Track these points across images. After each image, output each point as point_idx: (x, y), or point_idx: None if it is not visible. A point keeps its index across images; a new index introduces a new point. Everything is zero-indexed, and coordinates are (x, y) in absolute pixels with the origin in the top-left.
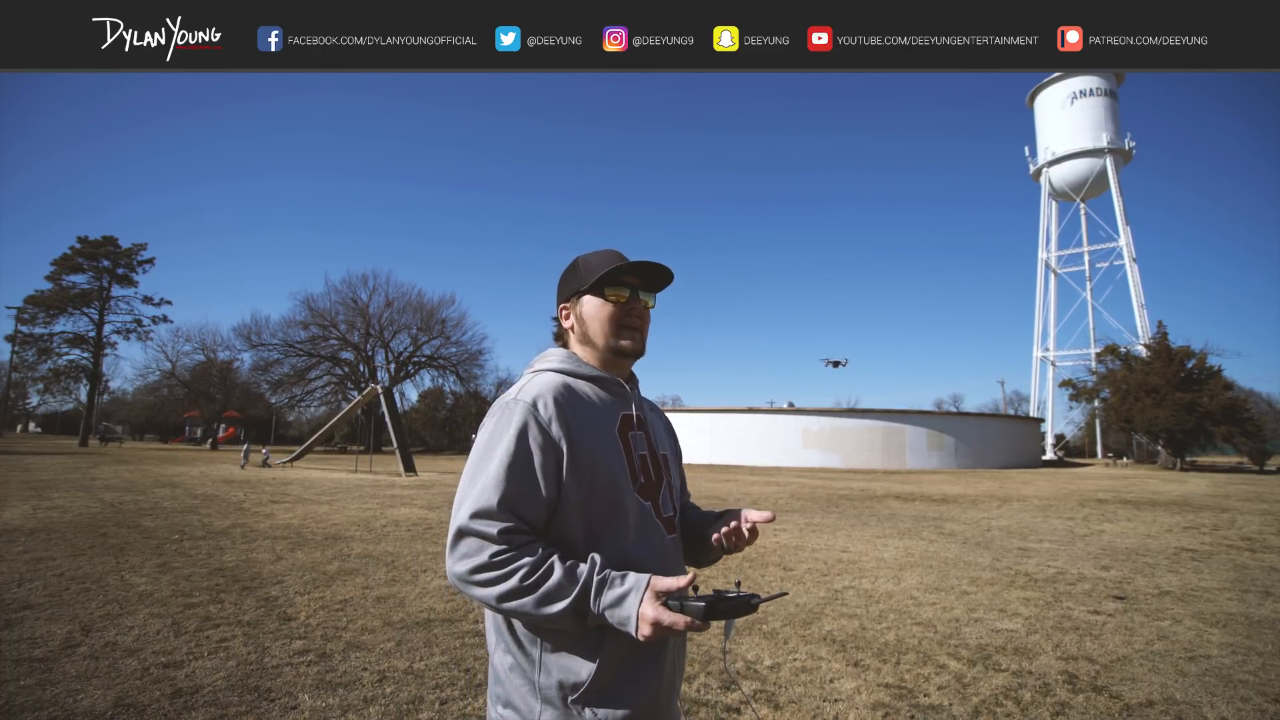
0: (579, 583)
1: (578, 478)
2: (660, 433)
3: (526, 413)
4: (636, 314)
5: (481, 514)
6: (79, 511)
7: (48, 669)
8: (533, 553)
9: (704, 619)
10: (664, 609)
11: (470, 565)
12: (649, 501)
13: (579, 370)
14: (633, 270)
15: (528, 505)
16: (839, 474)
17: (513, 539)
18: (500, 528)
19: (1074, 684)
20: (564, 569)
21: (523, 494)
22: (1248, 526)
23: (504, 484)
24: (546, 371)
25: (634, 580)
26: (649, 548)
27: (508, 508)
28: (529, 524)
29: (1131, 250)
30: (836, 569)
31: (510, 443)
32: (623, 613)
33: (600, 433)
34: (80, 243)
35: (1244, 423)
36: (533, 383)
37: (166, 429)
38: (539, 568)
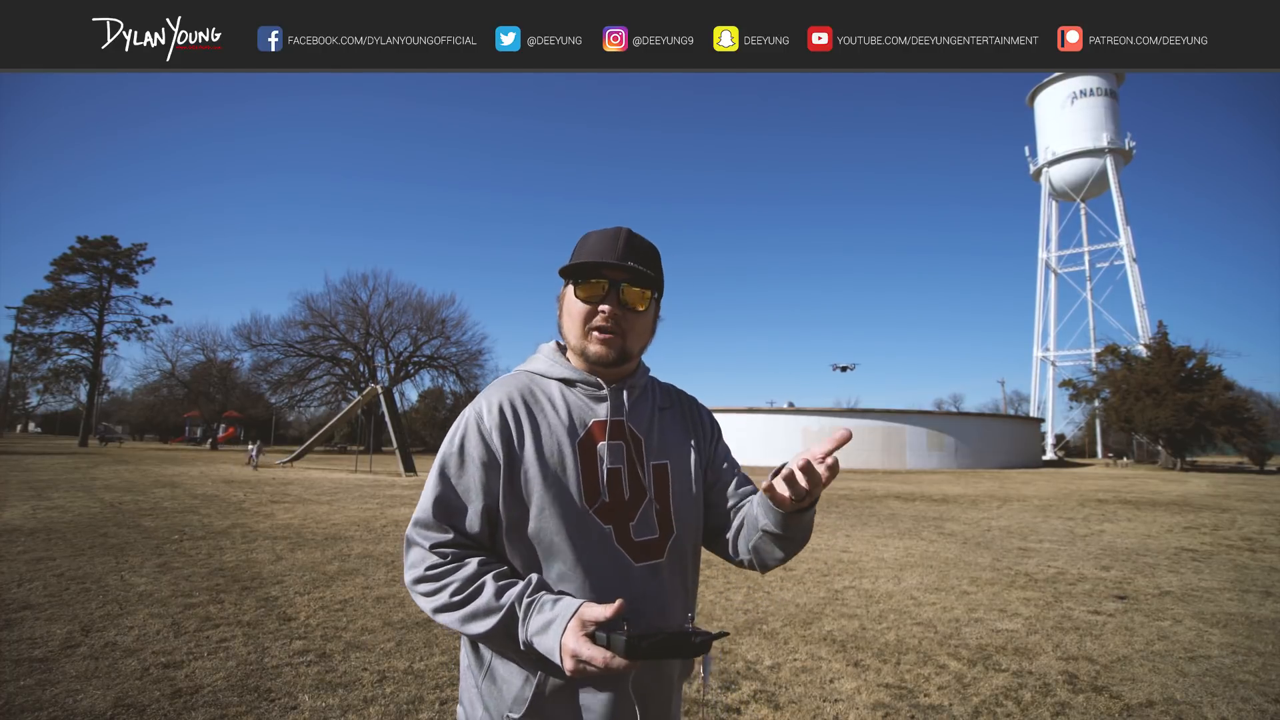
0: (506, 605)
1: (514, 495)
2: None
3: (469, 422)
4: (609, 315)
5: (420, 524)
6: (79, 511)
7: (47, 669)
8: (465, 567)
9: (626, 655)
10: (586, 641)
11: (413, 575)
12: (609, 524)
13: (550, 371)
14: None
15: (463, 518)
16: (839, 474)
17: (446, 552)
18: (434, 540)
19: (1074, 684)
20: (495, 588)
21: (458, 506)
22: (1248, 526)
23: (439, 494)
24: (519, 372)
25: (562, 607)
26: (598, 578)
27: (444, 519)
28: (468, 537)
29: (1131, 250)
30: (837, 569)
31: (449, 453)
32: (547, 642)
33: (550, 444)
34: (80, 243)
35: (1244, 423)
36: (494, 386)
37: (166, 429)
38: (470, 584)
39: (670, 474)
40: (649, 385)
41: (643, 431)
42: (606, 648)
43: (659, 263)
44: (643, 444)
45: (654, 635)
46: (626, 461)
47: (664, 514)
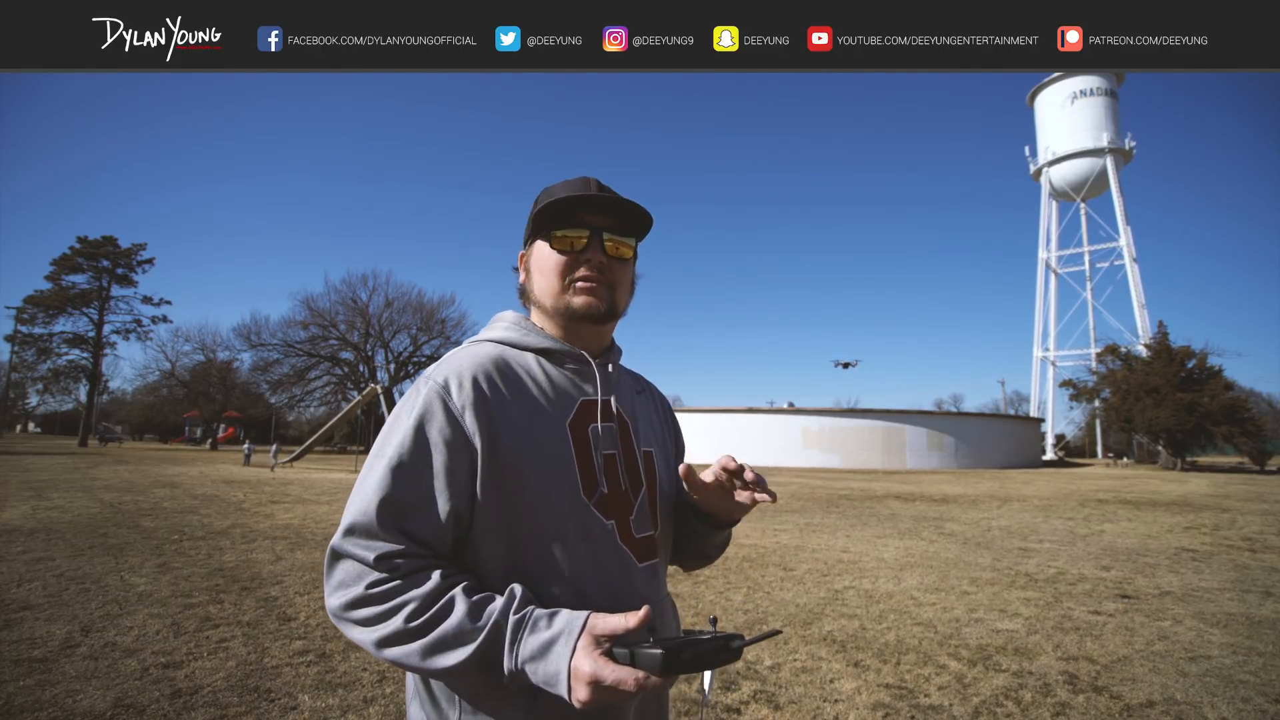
0: (487, 625)
1: (498, 486)
2: (651, 423)
3: (433, 396)
4: (595, 264)
5: (359, 530)
6: (79, 512)
7: (47, 669)
8: (423, 582)
9: (662, 673)
10: (606, 661)
11: (345, 598)
12: (612, 520)
13: (525, 340)
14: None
15: (421, 521)
16: (839, 474)
17: (397, 565)
18: (380, 551)
19: (1074, 684)
20: (468, 605)
21: (415, 506)
22: (1248, 527)
23: (389, 491)
24: (484, 342)
25: (565, 621)
26: (604, 583)
27: (394, 524)
28: (425, 545)
29: (1132, 250)
30: (837, 569)
31: (405, 436)
32: (549, 667)
33: (539, 426)
34: (80, 243)
35: (1244, 423)
36: (456, 356)
37: (166, 429)
38: (433, 603)
39: (656, 462)
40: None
41: (629, 414)
42: (631, 664)
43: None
44: (630, 428)
45: (691, 643)
46: (621, 446)
47: (654, 507)
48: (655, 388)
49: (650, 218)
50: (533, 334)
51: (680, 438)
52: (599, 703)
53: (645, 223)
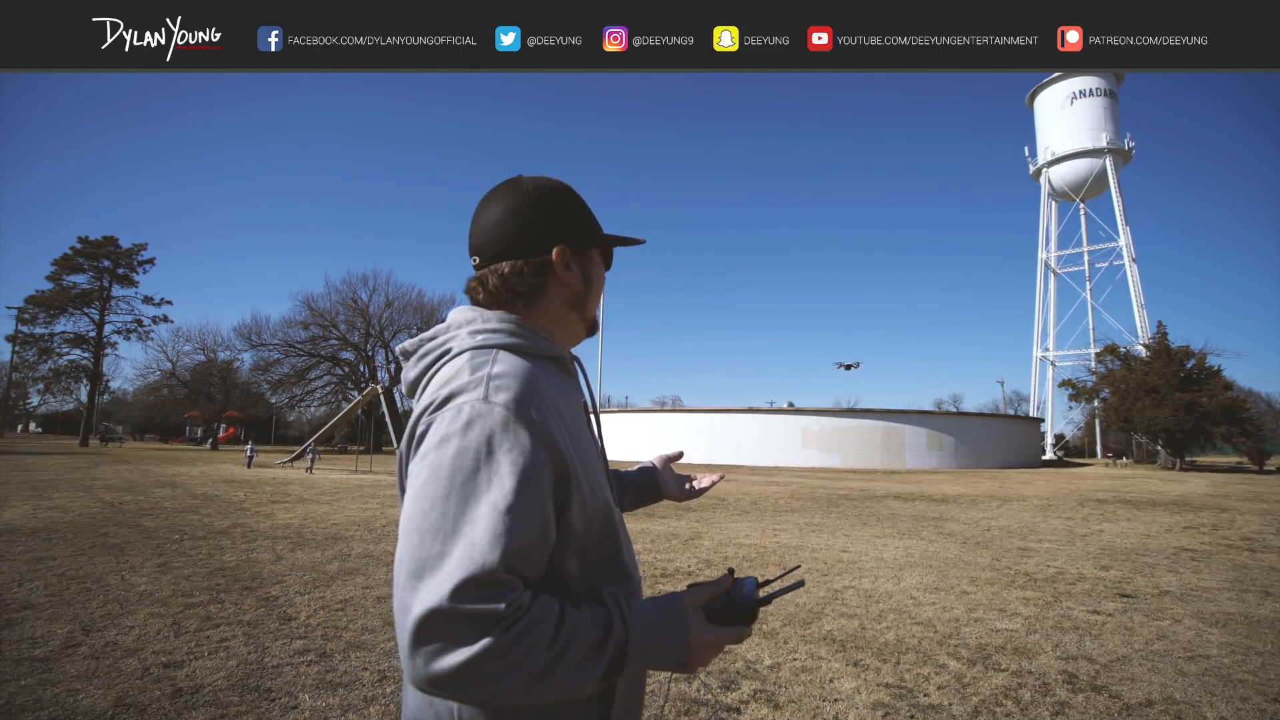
0: (611, 634)
1: (582, 505)
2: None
3: (518, 423)
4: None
5: (476, 584)
6: (79, 511)
7: (48, 669)
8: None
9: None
10: (713, 627)
11: (463, 659)
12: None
13: (538, 347)
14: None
15: (532, 559)
16: (839, 474)
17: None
18: (510, 598)
19: (1074, 684)
20: (586, 620)
21: (531, 544)
22: (1247, 526)
23: (506, 536)
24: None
25: (664, 606)
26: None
27: (511, 566)
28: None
29: (1131, 250)
30: (836, 569)
31: (505, 472)
32: (673, 652)
33: (583, 435)
34: (81, 243)
35: (1243, 423)
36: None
37: (167, 429)
38: (559, 632)
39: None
40: None
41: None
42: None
43: None
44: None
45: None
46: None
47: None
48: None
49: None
50: (541, 341)
51: None
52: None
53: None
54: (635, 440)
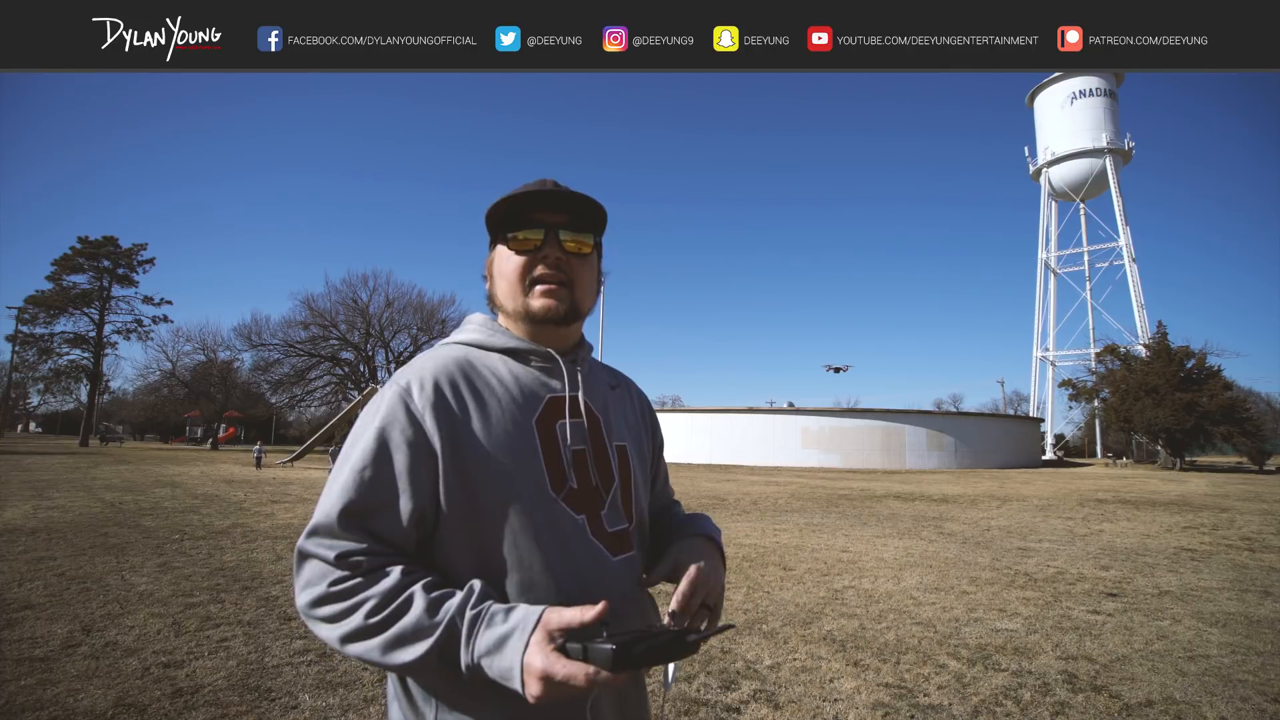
0: (444, 620)
1: (463, 486)
2: (624, 417)
3: (395, 400)
4: (552, 262)
5: (322, 530)
6: (80, 511)
7: (48, 669)
8: (382, 579)
9: (614, 668)
10: (558, 656)
11: (310, 596)
12: (583, 514)
13: (490, 341)
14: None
15: (383, 520)
16: (839, 474)
17: (358, 563)
18: (341, 549)
19: (1073, 683)
20: (426, 601)
21: (376, 505)
22: (1247, 526)
23: (351, 492)
24: (450, 344)
25: (520, 616)
26: (577, 578)
27: (356, 523)
28: (387, 544)
29: (1131, 250)
30: (836, 569)
31: (369, 440)
32: (503, 662)
33: (503, 424)
34: (81, 243)
35: (1243, 422)
36: (421, 359)
37: (167, 429)
38: (391, 600)
39: (630, 457)
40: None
41: (599, 410)
42: (584, 660)
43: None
44: (601, 423)
45: (644, 637)
46: (590, 442)
47: (627, 501)
48: (633, 383)
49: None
50: (498, 334)
51: (658, 433)
52: (551, 698)
53: (601, 216)
54: None
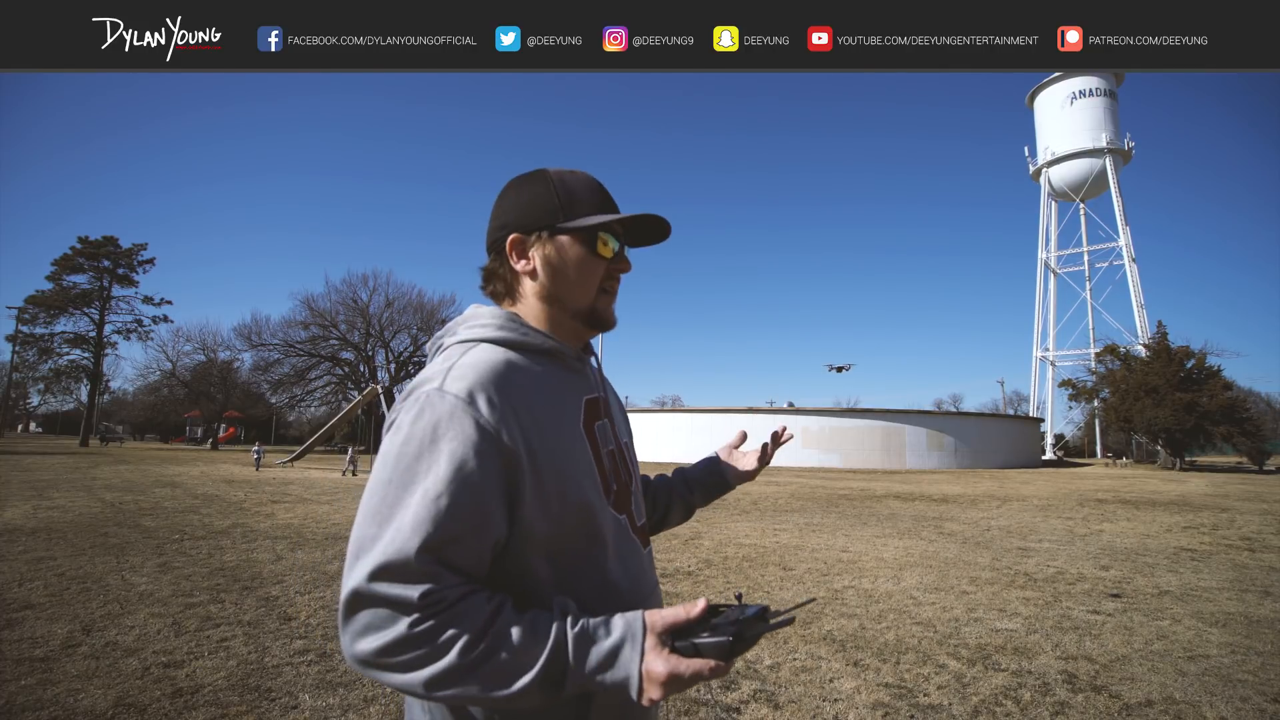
0: (548, 643)
1: (542, 500)
2: (618, 415)
3: (461, 413)
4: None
5: (394, 571)
6: (80, 511)
7: (48, 668)
8: (470, 613)
9: (729, 657)
10: (677, 658)
11: (379, 643)
12: (624, 514)
13: (528, 340)
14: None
15: (466, 551)
16: (839, 474)
17: (440, 600)
18: (423, 590)
19: (1073, 683)
20: (523, 627)
21: (459, 536)
22: (1247, 526)
23: (431, 524)
24: (481, 343)
25: (625, 625)
26: (630, 575)
27: (435, 557)
28: (462, 573)
29: (1131, 250)
30: (836, 569)
31: (440, 461)
32: (618, 673)
33: (565, 431)
34: (81, 243)
35: (1243, 422)
36: (464, 363)
37: (167, 429)
38: (486, 632)
39: (631, 453)
40: None
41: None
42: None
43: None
44: (615, 423)
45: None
46: (615, 441)
47: (638, 496)
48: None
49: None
50: (532, 334)
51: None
52: (669, 695)
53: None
54: (636, 440)
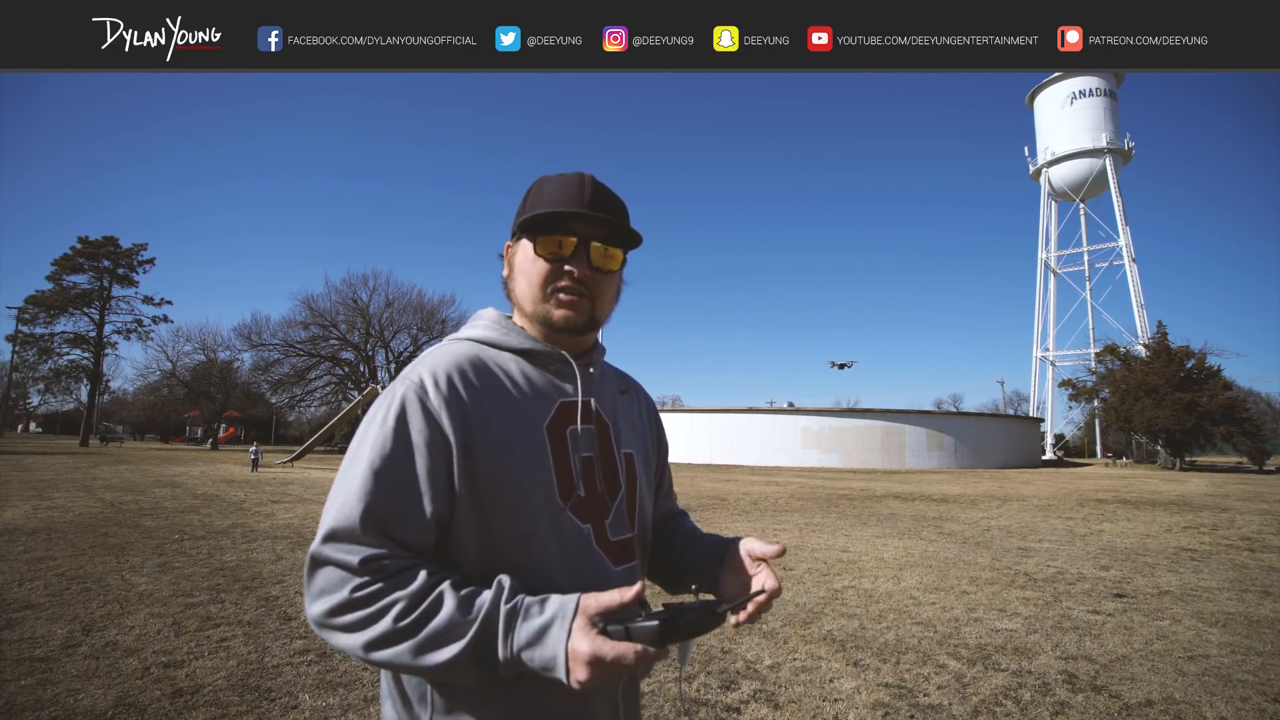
0: (479, 617)
1: (473, 487)
2: (631, 424)
3: (410, 395)
4: (578, 274)
5: (341, 535)
6: (80, 511)
7: (48, 668)
8: (410, 582)
9: (659, 643)
10: (602, 639)
11: (328, 605)
12: (588, 524)
13: (505, 340)
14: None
15: (405, 523)
16: (839, 474)
17: (382, 568)
18: (364, 554)
19: (1073, 683)
20: (458, 600)
21: (398, 508)
22: (1247, 526)
23: (371, 494)
24: (462, 340)
25: (558, 605)
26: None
27: (377, 526)
28: (408, 547)
29: (1131, 250)
30: (836, 569)
31: (385, 437)
32: (545, 652)
33: (515, 427)
34: (81, 243)
35: (1243, 422)
36: (433, 355)
37: (167, 429)
38: (420, 601)
39: (636, 465)
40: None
41: (609, 415)
42: (627, 639)
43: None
44: (610, 429)
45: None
46: (599, 448)
47: (631, 509)
48: (640, 387)
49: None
50: (512, 334)
51: (663, 439)
52: (598, 680)
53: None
54: None
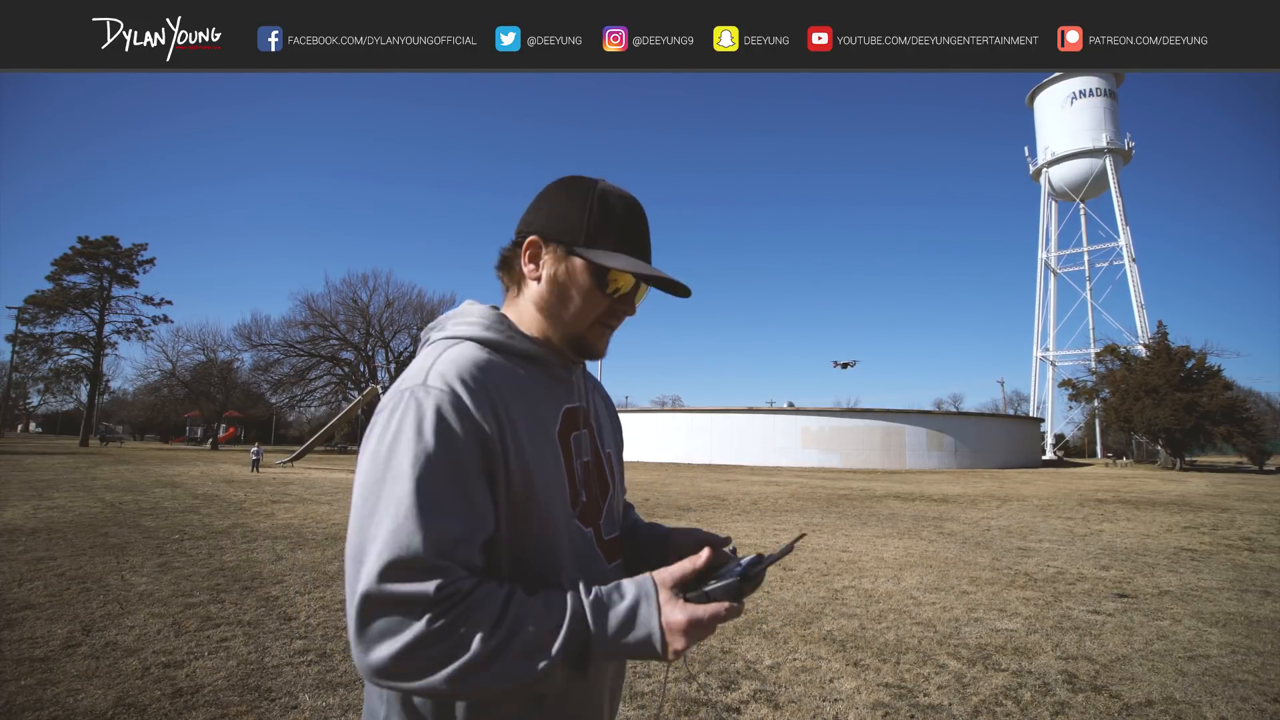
0: (566, 614)
1: (509, 498)
2: (607, 422)
3: (445, 404)
4: (622, 314)
5: (403, 566)
6: (80, 511)
7: (48, 669)
8: (487, 598)
9: (739, 597)
10: (692, 605)
11: (396, 647)
12: (590, 527)
13: (512, 343)
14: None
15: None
16: (839, 474)
17: (456, 590)
18: (438, 583)
19: (1073, 683)
20: (539, 604)
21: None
22: (1247, 526)
23: (433, 515)
24: (465, 341)
25: (637, 586)
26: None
27: (441, 551)
28: (468, 566)
29: (1131, 250)
30: (836, 569)
31: (427, 451)
32: (639, 631)
33: (539, 436)
34: (81, 243)
35: (1243, 422)
36: (446, 358)
37: (167, 429)
38: (504, 615)
39: (614, 463)
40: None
41: (595, 417)
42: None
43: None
44: (595, 432)
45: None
46: (594, 451)
47: (614, 509)
48: (599, 382)
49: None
50: (518, 337)
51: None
52: (692, 644)
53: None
54: (635, 440)
